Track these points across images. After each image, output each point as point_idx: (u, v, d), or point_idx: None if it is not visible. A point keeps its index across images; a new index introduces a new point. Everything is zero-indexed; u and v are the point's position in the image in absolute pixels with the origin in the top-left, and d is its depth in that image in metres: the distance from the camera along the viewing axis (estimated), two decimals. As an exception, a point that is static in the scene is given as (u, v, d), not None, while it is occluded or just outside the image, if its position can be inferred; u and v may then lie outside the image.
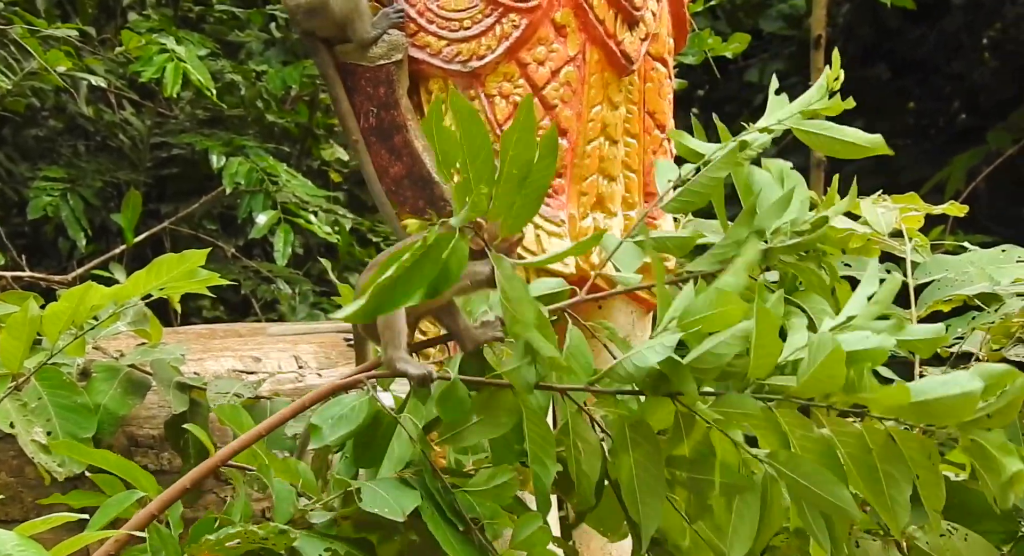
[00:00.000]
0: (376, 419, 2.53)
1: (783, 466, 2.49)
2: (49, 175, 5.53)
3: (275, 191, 5.35)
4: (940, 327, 2.56)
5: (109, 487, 2.55)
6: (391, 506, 2.42)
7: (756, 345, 2.43)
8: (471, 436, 2.53)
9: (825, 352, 2.41)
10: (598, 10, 3.43)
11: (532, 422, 2.50)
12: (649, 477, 2.52)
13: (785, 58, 8.05)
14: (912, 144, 8.29)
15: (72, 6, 6.16)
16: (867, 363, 2.44)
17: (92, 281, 2.84)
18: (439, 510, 2.50)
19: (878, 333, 2.48)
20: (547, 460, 2.50)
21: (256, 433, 2.49)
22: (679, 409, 2.52)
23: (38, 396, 2.84)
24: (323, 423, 2.49)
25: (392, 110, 3.38)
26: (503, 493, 2.54)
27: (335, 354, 3.61)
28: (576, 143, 3.44)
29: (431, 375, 2.51)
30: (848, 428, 2.51)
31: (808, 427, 2.51)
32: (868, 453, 2.50)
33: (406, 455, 2.52)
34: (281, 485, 2.52)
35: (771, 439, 2.53)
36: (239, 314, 6.16)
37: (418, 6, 3.40)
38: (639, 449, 2.52)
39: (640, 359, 2.44)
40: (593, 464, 2.55)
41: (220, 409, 2.65)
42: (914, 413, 2.47)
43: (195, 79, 5.04)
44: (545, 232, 3.40)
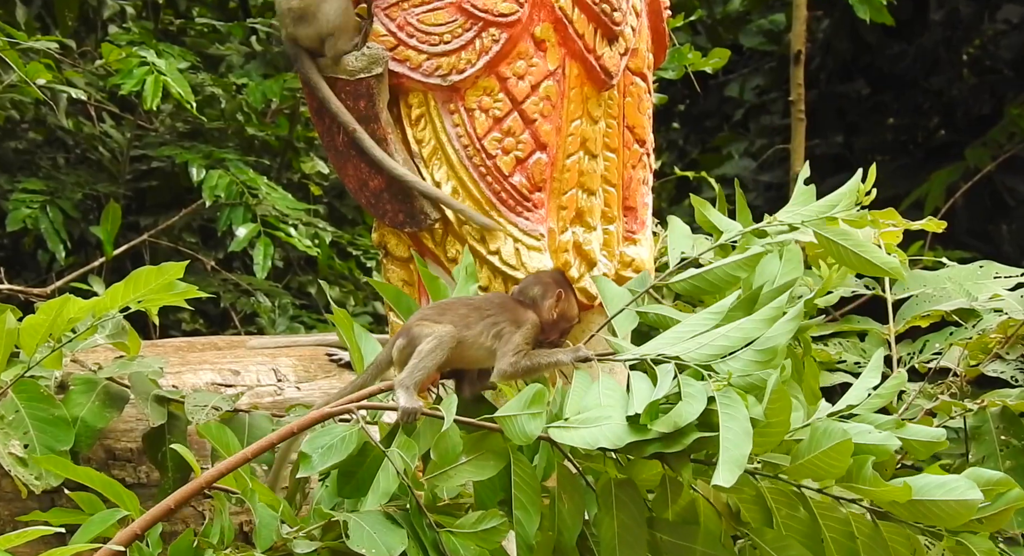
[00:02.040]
0: (363, 450, 2.53)
1: (768, 545, 2.50)
2: (28, 187, 5.51)
3: (255, 204, 5.35)
4: (939, 432, 2.58)
5: (87, 505, 2.54)
6: (378, 547, 2.42)
7: (764, 424, 2.45)
8: (458, 476, 2.54)
9: (832, 440, 2.42)
10: (578, 25, 3.45)
11: (520, 468, 2.52)
12: (631, 537, 2.53)
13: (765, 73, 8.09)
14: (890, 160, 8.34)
15: (52, 19, 6.14)
16: (870, 456, 2.46)
17: (71, 293, 2.83)
18: (423, 550, 2.50)
19: (880, 428, 2.50)
20: (531, 507, 2.52)
21: (243, 456, 2.49)
22: (666, 472, 2.53)
23: (15, 409, 2.83)
24: (312, 452, 2.50)
25: (372, 123, 3.39)
26: (490, 537, 2.54)
27: (314, 367, 3.60)
28: (556, 157, 3.46)
29: (419, 411, 2.53)
30: (835, 513, 2.52)
31: (794, 506, 2.53)
32: (853, 541, 2.52)
33: (391, 488, 2.52)
34: (265, 511, 2.52)
35: (756, 514, 2.55)
36: (218, 327, 6.14)
37: (398, 20, 3.41)
38: (623, 508, 2.54)
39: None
40: (576, 519, 2.57)
41: (205, 428, 2.65)
42: (910, 511, 2.49)
43: (175, 92, 5.03)
44: (524, 246, 3.41)
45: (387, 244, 3.46)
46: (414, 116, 3.43)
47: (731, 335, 2.65)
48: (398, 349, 2.65)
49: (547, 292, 2.76)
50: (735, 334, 2.65)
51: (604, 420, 2.48)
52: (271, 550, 2.47)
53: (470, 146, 3.40)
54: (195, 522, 3.12)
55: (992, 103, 8.25)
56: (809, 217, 2.75)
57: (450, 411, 2.51)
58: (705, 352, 2.63)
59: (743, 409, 2.52)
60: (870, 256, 2.77)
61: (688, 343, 2.67)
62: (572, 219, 3.47)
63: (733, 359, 2.61)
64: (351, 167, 3.45)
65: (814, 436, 2.46)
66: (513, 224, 3.42)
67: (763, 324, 2.64)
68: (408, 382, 2.57)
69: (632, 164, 3.56)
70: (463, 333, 2.66)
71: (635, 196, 3.53)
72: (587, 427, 2.49)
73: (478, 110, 3.40)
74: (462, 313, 2.70)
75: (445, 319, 2.67)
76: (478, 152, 3.40)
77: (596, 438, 2.47)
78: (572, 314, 2.81)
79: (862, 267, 2.79)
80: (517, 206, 3.43)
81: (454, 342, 2.63)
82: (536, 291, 2.78)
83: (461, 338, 2.65)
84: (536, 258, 3.39)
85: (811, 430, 2.47)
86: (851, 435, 2.41)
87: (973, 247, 7.07)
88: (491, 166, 3.41)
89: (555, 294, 2.76)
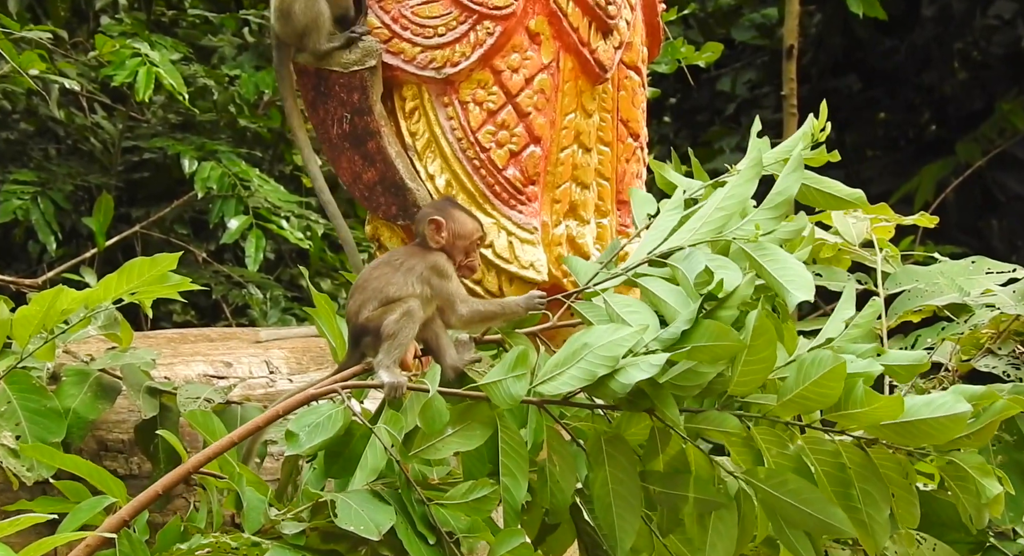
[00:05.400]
0: (349, 429, 2.53)
1: (763, 484, 2.50)
2: (20, 178, 5.49)
3: (247, 196, 5.34)
4: (920, 354, 2.58)
5: (74, 493, 2.53)
6: (366, 524, 2.42)
7: (747, 361, 2.44)
8: (446, 448, 2.54)
9: (822, 369, 2.42)
10: (572, 18, 3.45)
11: (507, 435, 2.51)
12: (625, 491, 2.53)
13: (757, 68, 8.09)
14: (881, 155, 8.36)
15: (43, 9, 6.12)
16: (859, 379, 2.46)
17: (63, 285, 2.82)
18: (412, 524, 2.50)
19: (861, 357, 2.50)
20: (519, 474, 2.51)
21: (229, 441, 2.49)
22: (655, 424, 2.53)
23: (7, 400, 2.82)
24: (299, 431, 2.49)
25: (366, 116, 3.38)
26: (481, 507, 2.54)
27: (307, 359, 3.59)
28: (549, 151, 3.46)
29: (403, 386, 2.53)
30: (824, 445, 2.52)
31: (783, 444, 2.53)
32: (844, 471, 2.52)
33: (380, 465, 2.52)
34: (252, 494, 2.52)
35: (746, 456, 2.54)
36: (210, 319, 6.13)
37: (392, 12, 3.40)
38: (615, 463, 2.53)
39: (624, 376, 2.45)
40: (568, 479, 2.56)
41: (191, 415, 2.65)
42: (898, 433, 2.48)
43: (167, 83, 5.02)
44: (518, 239, 3.41)
45: (380, 237, 3.46)
46: (408, 109, 3.43)
47: (725, 205, 2.63)
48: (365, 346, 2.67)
49: (426, 226, 2.74)
50: (729, 202, 2.64)
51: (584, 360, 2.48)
52: (260, 532, 2.47)
53: (464, 139, 3.40)
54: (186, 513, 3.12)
55: (983, 99, 8.27)
56: (769, 162, 2.75)
57: (434, 381, 2.51)
58: (709, 229, 2.62)
59: (782, 251, 2.55)
60: (832, 190, 2.79)
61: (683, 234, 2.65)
62: (566, 212, 3.47)
63: (748, 223, 2.60)
64: (345, 160, 3.45)
65: (802, 368, 2.45)
66: (507, 217, 3.42)
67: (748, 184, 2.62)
68: (387, 362, 2.59)
69: (626, 158, 3.56)
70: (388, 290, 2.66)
71: (629, 190, 3.53)
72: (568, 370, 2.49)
73: (472, 103, 3.40)
74: (381, 274, 2.69)
75: (369, 293, 2.67)
76: (472, 145, 3.40)
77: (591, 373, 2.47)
78: (465, 231, 2.77)
79: (826, 202, 2.80)
80: (511, 199, 3.43)
81: (420, 311, 2.64)
82: (421, 229, 2.76)
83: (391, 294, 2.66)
84: (530, 251, 3.39)
85: (798, 364, 2.47)
86: (843, 360, 2.41)
87: (964, 242, 7.09)
88: (485, 159, 3.41)
89: (432, 224, 2.72)
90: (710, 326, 2.46)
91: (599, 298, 2.65)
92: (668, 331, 2.48)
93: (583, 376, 2.48)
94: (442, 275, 2.70)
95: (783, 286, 2.54)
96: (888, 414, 2.45)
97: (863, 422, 2.48)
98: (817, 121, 2.77)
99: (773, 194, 2.62)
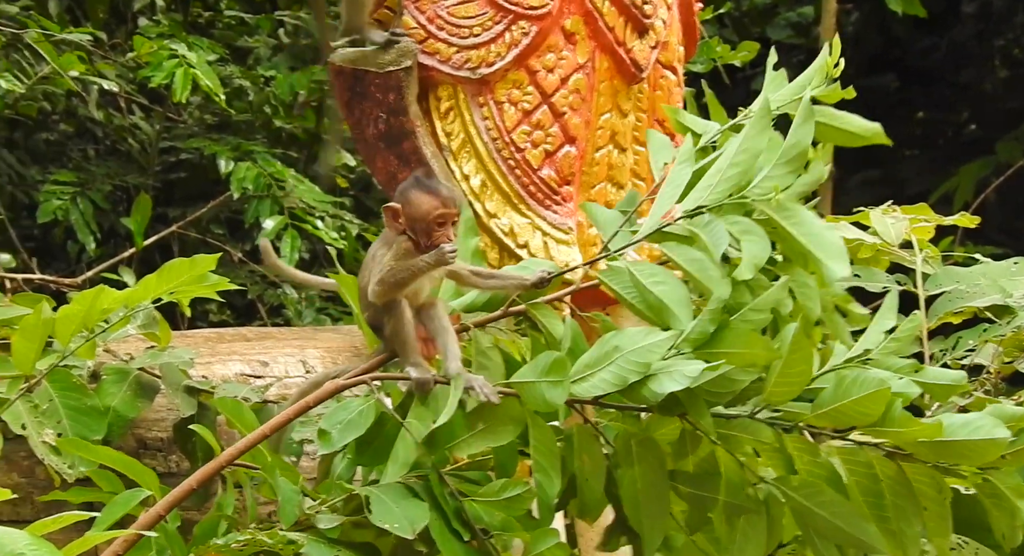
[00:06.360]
0: (380, 420, 2.53)
1: (795, 493, 2.48)
2: (59, 179, 5.54)
3: (282, 196, 5.37)
4: (959, 374, 2.53)
5: (109, 484, 2.56)
6: (401, 522, 2.41)
7: (783, 372, 2.41)
8: (475, 444, 2.53)
9: (864, 389, 2.39)
10: (608, 17, 3.44)
11: (538, 431, 2.50)
12: (653, 490, 2.51)
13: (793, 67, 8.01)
14: (919, 154, 8.29)
15: (83, 11, 6.18)
16: (898, 399, 2.42)
17: (102, 284, 2.85)
18: (445, 520, 2.49)
19: (899, 373, 2.47)
20: (552, 471, 2.50)
21: (261, 433, 2.50)
22: (686, 427, 2.51)
23: (49, 398, 2.85)
24: (331, 428, 2.50)
25: (401, 116, 3.40)
26: (516, 505, 2.53)
27: (342, 358, 3.61)
28: (585, 151, 3.45)
29: (432, 380, 2.52)
30: (858, 456, 2.50)
31: (815, 453, 2.50)
32: (876, 482, 2.49)
33: (410, 459, 2.51)
34: (286, 486, 2.53)
35: (777, 462, 2.52)
36: (245, 318, 6.16)
37: (428, 13, 3.41)
38: (644, 463, 2.52)
39: (658, 385, 2.42)
40: (598, 476, 2.55)
41: (223, 403, 2.66)
42: (934, 451, 2.45)
43: (204, 84, 5.06)
44: (553, 239, 3.41)
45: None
46: (443, 109, 3.43)
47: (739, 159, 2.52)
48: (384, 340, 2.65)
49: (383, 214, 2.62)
50: (742, 156, 2.52)
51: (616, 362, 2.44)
52: (295, 525, 2.48)
53: (499, 139, 3.40)
54: (225, 512, 3.13)
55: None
56: (783, 101, 2.68)
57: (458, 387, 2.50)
58: (724, 188, 2.52)
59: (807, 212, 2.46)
60: (848, 126, 2.67)
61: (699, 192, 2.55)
62: (601, 213, 3.46)
63: (765, 179, 2.50)
64: (380, 160, 3.46)
65: (842, 384, 2.41)
66: (542, 217, 3.41)
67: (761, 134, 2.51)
68: (408, 360, 2.57)
69: (662, 158, 3.55)
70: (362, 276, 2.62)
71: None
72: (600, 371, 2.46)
73: (507, 103, 3.40)
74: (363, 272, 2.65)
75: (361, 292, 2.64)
76: (507, 145, 3.40)
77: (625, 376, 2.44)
78: (420, 213, 2.58)
79: (841, 138, 2.67)
80: (546, 199, 3.43)
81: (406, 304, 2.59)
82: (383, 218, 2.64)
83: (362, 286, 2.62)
84: (564, 251, 3.38)
85: (837, 378, 2.42)
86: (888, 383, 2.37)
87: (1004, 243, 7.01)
88: (520, 159, 3.41)
89: (388, 212, 2.60)
90: (743, 332, 2.43)
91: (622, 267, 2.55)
92: (698, 328, 2.45)
93: (614, 381, 2.45)
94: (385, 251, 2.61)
95: (817, 258, 2.45)
96: (925, 434, 2.43)
97: (899, 440, 2.46)
98: (830, 57, 2.70)
99: (787, 146, 2.50)
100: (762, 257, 2.45)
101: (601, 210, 2.72)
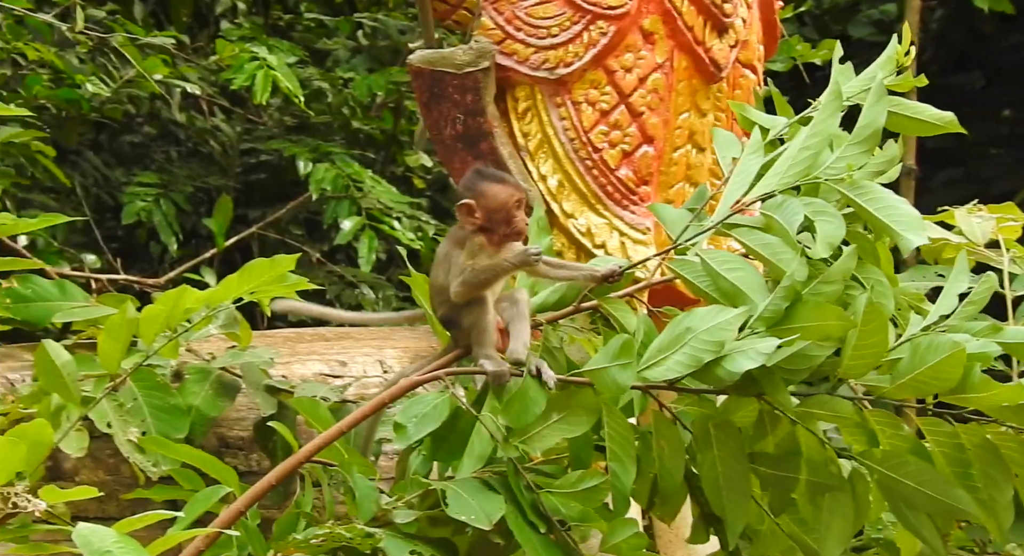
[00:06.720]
0: (455, 414, 2.54)
1: (880, 466, 2.44)
2: (143, 180, 5.64)
3: (360, 197, 5.40)
4: None
5: (189, 482, 2.59)
6: (477, 514, 2.42)
7: (858, 344, 2.37)
8: (550, 436, 2.52)
9: (939, 354, 2.34)
10: (687, 17, 3.42)
11: (612, 420, 2.49)
12: (733, 474, 2.49)
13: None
14: (1005, 153, 8.11)
15: (166, 15, 6.28)
16: (977, 363, 2.38)
17: (185, 284, 2.89)
18: (522, 512, 2.49)
19: (977, 336, 2.43)
20: (627, 459, 2.48)
21: (337, 430, 2.51)
22: (763, 407, 2.49)
23: (133, 397, 2.90)
24: (407, 422, 2.51)
25: (479, 117, 3.40)
26: (593, 496, 2.52)
27: (420, 358, 3.63)
28: (663, 150, 3.43)
29: (507, 373, 2.52)
30: (942, 427, 2.45)
31: (898, 426, 2.46)
32: (963, 452, 2.44)
33: (486, 452, 2.52)
34: (363, 482, 2.54)
35: (859, 438, 2.49)
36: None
37: (506, 13, 3.42)
38: (723, 446, 2.49)
39: (732, 364, 2.40)
40: (676, 463, 2.53)
41: (298, 401, 2.68)
42: (1019, 415, 2.40)
43: (284, 86, 5.11)
44: (630, 239, 3.39)
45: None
46: (521, 109, 3.44)
47: (810, 143, 2.51)
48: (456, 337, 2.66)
49: (458, 212, 2.63)
50: (813, 139, 2.51)
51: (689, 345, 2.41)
52: (372, 521, 2.49)
53: (576, 139, 3.40)
54: (304, 509, 3.16)
55: (1114, 94, 7.97)
56: (852, 92, 2.64)
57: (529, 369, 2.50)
58: (796, 170, 2.50)
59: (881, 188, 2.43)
60: (922, 115, 2.64)
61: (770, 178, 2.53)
62: (679, 213, 3.44)
63: (837, 160, 2.49)
64: (458, 160, 3.47)
65: (917, 352, 2.37)
66: (619, 218, 3.40)
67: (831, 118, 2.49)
68: (482, 352, 2.57)
69: (742, 157, 3.51)
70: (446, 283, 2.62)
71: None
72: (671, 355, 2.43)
73: (585, 103, 3.40)
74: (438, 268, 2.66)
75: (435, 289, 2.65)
76: (584, 145, 3.39)
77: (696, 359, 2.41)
78: (498, 203, 2.60)
79: (915, 127, 2.65)
80: (623, 200, 3.41)
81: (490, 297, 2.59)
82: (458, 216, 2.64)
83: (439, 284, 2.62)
84: (642, 251, 3.37)
85: (912, 347, 2.38)
86: (963, 346, 2.32)
87: (1093, 244, 6.82)
88: (597, 159, 3.40)
89: (463, 208, 2.61)
90: (815, 305, 2.39)
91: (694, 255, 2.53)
92: (770, 306, 2.41)
93: (688, 362, 2.42)
94: (459, 251, 2.62)
95: (893, 229, 2.42)
96: (1008, 398, 2.38)
97: (981, 405, 2.41)
98: (900, 45, 2.66)
99: (859, 127, 2.49)
100: (837, 236, 2.43)
101: (668, 208, 2.71)
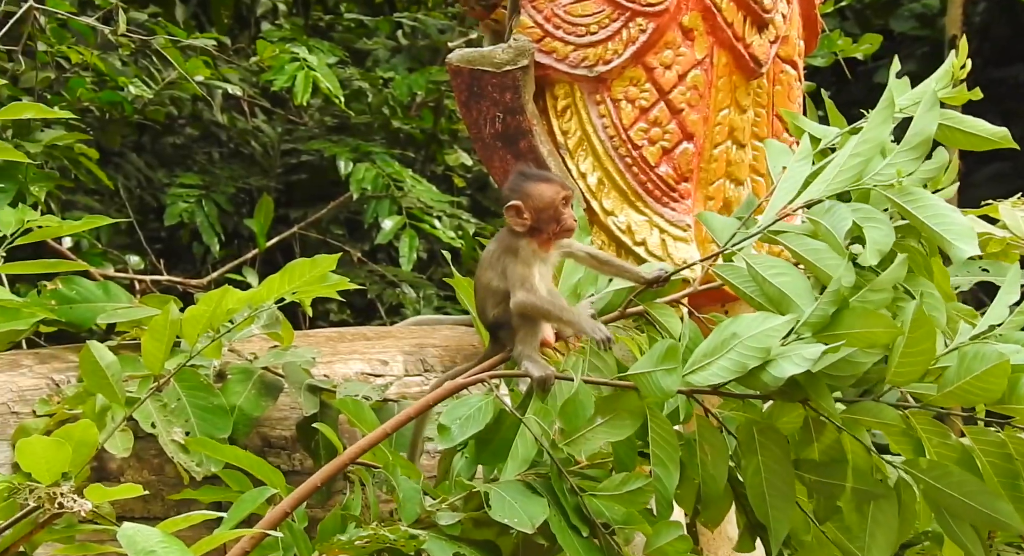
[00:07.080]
0: (499, 417, 2.54)
1: (926, 475, 2.42)
2: (185, 182, 5.69)
3: (400, 196, 5.42)
4: None
5: (236, 483, 2.61)
6: (520, 517, 2.43)
7: (905, 352, 2.36)
8: (595, 438, 2.53)
9: (985, 363, 2.33)
10: (727, 13, 3.40)
11: (656, 424, 2.49)
12: (778, 480, 2.48)
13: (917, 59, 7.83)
14: (1051, 147, 7.99)
15: (208, 17, 6.33)
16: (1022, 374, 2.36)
17: (227, 285, 2.91)
18: (564, 515, 2.49)
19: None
20: (670, 463, 2.49)
21: (382, 432, 2.53)
22: (809, 414, 2.47)
23: (177, 397, 2.91)
24: (451, 424, 2.52)
25: (518, 115, 3.40)
26: (636, 499, 2.52)
27: (460, 358, 3.63)
28: (703, 147, 3.42)
29: (552, 377, 2.52)
30: (989, 436, 2.44)
31: (945, 435, 2.45)
32: (1010, 462, 2.43)
33: (530, 455, 2.52)
34: (407, 484, 2.55)
35: (905, 446, 2.47)
36: (364, 318, 6.24)
37: (545, 11, 3.41)
38: (767, 452, 2.49)
39: (777, 369, 2.39)
40: (720, 468, 2.52)
41: (342, 402, 2.70)
42: None
43: (324, 87, 5.14)
44: (671, 237, 3.38)
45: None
46: (560, 107, 3.43)
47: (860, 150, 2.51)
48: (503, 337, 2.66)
49: (507, 214, 2.62)
50: (864, 146, 2.51)
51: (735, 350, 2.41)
52: (416, 523, 2.50)
53: (616, 137, 3.39)
54: (347, 509, 3.18)
55: None
56: (906, 104, 2.62)
57: (578, 372, 2.50)
58: (845, 177, 2.50)
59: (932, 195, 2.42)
60: (974, 129, 2.64)
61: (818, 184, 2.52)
62: (719, 210, 3.42)
63: (887, 167, 2.48)
64: (497, 159, 3.47)
65: (964, 361, 2.37)
66: (659, 215, 3.39)
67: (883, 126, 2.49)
68: (527, 351, 2.57)
69: (783, 154, 3.49)
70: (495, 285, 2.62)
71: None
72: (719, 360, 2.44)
73: (624, 100, 3.39)
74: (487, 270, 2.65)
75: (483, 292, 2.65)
76: (624, 143, 3.38)
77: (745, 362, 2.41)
78: (547, 200, 2.60)
79: (970, 143, 2.65)
80: (663, 197, 3.40)
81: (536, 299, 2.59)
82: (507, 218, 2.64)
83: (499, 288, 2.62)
84: (683, 249, 3.35)
85: (959, 355, 2.38)
86: (1007, 357, 2.32)
87: None
88: (637, 157, 3.39)
89: (511, 211, 2.61)
90: (862, 311, 2.38)
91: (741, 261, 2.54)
92: (817, 312, 2.40)
93: (733, 367, 2.43)
94: (512, 257, 2.62)
95: (944, 238, 2.41)
96: None
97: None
98: (956, 59, 2.64)
99: (910, 135, 2.49)
100: (886, 243, 2.42)
101: (716, 217, 2.72)
